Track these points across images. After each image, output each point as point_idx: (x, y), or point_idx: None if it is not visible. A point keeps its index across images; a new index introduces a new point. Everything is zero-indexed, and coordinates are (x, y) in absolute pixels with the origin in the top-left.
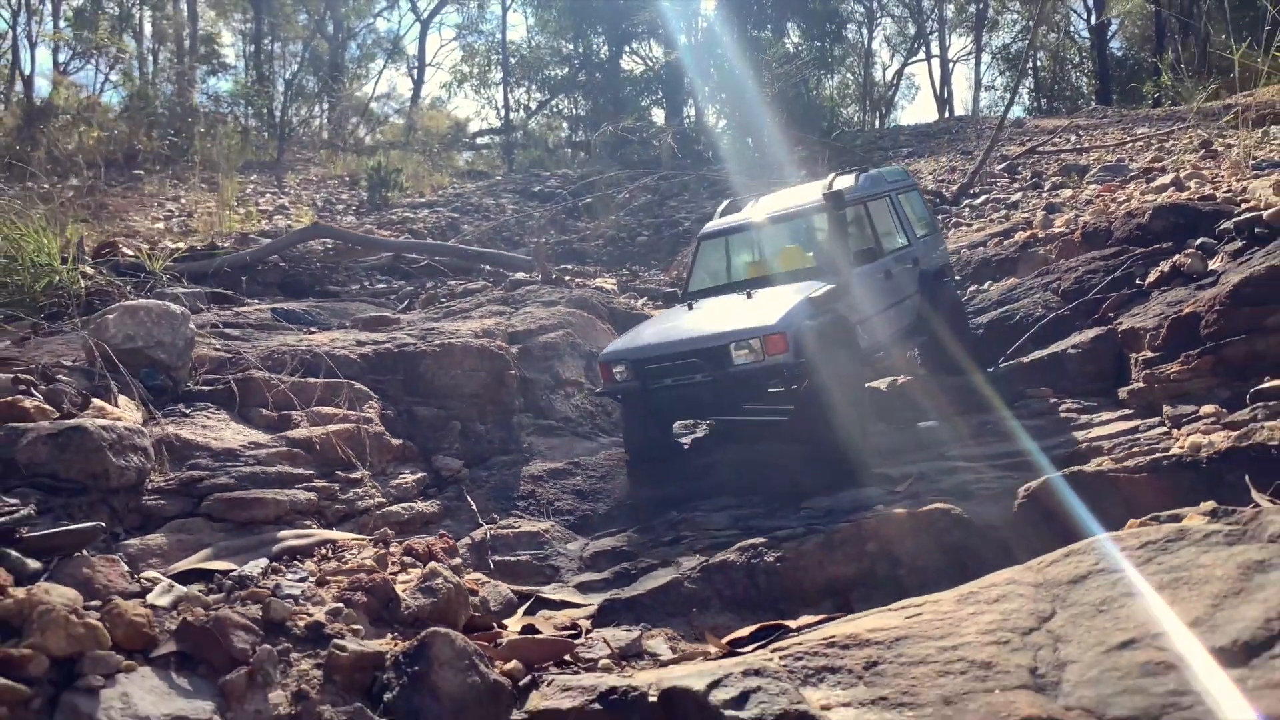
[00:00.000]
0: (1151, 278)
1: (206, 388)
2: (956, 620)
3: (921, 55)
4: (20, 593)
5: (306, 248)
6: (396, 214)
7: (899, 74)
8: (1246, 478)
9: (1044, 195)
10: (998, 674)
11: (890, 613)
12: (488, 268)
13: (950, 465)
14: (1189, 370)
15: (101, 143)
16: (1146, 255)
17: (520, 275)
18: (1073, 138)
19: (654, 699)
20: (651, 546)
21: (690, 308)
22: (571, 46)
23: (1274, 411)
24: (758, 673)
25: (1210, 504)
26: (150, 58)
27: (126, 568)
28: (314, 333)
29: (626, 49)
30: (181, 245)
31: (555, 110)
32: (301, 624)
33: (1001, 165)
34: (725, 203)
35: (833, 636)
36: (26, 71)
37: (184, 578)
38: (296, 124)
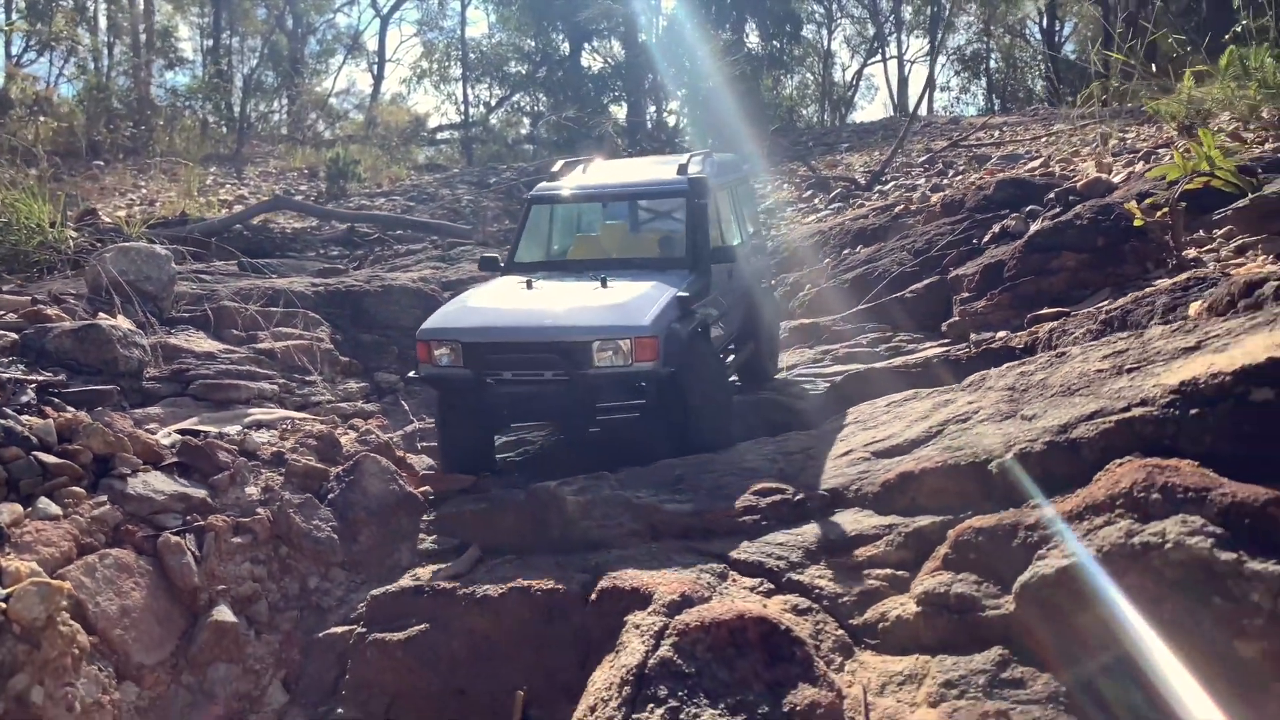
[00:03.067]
0: (986, 238)
1: (186, 315)
2: (745, 452)
3: (880, 57)
4: (69, 414)
5: (265, 224)
6: (354, 203)
7: (858, 74)
8: (991, 370)
9: (941, 179)
10: (759, 474)
11: (707, 453)
12: (435, 239)
13: (796, 380)
14: (992, 305)
15: (60, 134)
16: (985, 220)
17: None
18: (996, 133)
19: (524, 497)
20: (550, 436)
21: (530, 285)
22: (532, 43)
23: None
24: (598, 478)
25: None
26: (106, 51)
27: (134, 425)
28: (275, 279)
29: (587, 46)
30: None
31: (515, 106)
32: (268, 453)
33: (924, 157)
34: (561, 163)
35: (656, 463)
36: None
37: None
38: (255, 119)
